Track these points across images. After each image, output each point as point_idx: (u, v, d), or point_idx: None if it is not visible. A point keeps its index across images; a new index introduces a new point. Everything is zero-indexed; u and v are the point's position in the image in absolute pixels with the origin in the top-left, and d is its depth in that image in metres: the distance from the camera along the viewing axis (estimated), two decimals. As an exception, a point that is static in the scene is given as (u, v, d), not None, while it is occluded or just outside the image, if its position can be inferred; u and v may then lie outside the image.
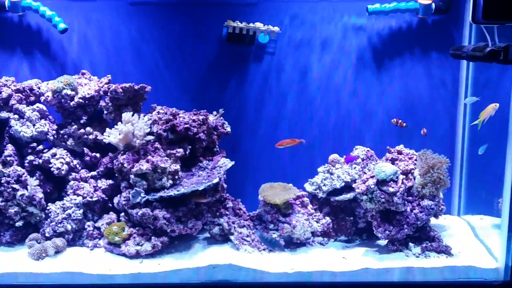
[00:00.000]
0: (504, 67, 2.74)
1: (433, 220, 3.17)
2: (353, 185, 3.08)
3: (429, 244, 2.99)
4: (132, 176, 2.99)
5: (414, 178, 3.01)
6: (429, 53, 3.46)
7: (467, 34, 3.35)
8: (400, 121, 3.26)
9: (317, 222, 3.17)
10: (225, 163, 3.19)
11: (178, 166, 3.08)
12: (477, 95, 3.30)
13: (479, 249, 3.05)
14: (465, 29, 3.38)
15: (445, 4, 3.33)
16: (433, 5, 3.31)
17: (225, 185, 3.24)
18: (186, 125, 3.15)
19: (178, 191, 2.96)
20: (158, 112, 3.23)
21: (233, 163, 3.19)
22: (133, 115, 3.10)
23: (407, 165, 3.06)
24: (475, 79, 3.40)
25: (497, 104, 3.00)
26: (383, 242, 3.11)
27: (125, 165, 3.02)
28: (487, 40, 2.88)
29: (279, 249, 3.00)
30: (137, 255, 2.95)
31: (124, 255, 2.97)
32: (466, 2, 3.30)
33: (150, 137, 3.11)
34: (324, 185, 3.21)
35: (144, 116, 3.19)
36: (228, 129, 3.38)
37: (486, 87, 3.35)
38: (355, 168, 3.22)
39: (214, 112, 3.39)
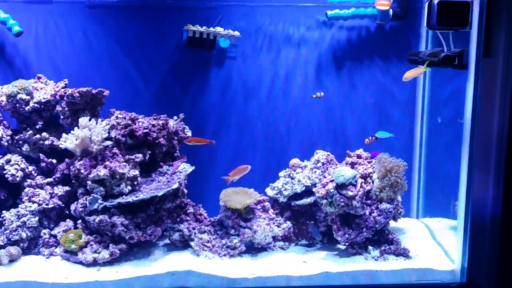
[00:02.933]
0: (458, 71, 2.80)
1: (392, 223, 3.21)
2: (313, 189, 3.10)
3: (388, 247, 3.02)
4: (89, 182, 2.93)
5: (373, 182, 3.04)
6: (387, 57, 3.51)
7: (424, 40, 3.42)
8: (317, 93, 3.33)
9: (278, 226, 3.17)
10: (185, 168, 3.16)
11: (137, 172, 3.04)
12: (434, 98, 3.37)
13: (436, 251, 3.09)
14: (422, 35, 3.44)
15: (402, 10, 3.38)
16: (391, 11, 3.36)
17: (185, 191, 3.22)
18: (145, 130, 3.11)
19: (136, 197, 2.92)
20: (117, 117, 3.18)
21: (193, 168, 3.17)
22: (90, 120, 3.04)
23: (366, 169, 3.09)
24: (432, 84, 3.46)
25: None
26: (343, 245, 3.13)
27: (82, 171, 2.96)
28: (443, 45, 2.94)
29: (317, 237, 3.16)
30: (94, 263, 2.89)
31: (81, 263, 2.91)
32: (423, 8, 3.35)
33: (108, 142, 3.06)
34: (285, 189, 3.21)
35: (102, 121, 3.14)
36: (189, 133, 3.35)
37: (443, 90, 3.42)
38: (315, 172, 3.23)
39: (175, 117, 3.35)
